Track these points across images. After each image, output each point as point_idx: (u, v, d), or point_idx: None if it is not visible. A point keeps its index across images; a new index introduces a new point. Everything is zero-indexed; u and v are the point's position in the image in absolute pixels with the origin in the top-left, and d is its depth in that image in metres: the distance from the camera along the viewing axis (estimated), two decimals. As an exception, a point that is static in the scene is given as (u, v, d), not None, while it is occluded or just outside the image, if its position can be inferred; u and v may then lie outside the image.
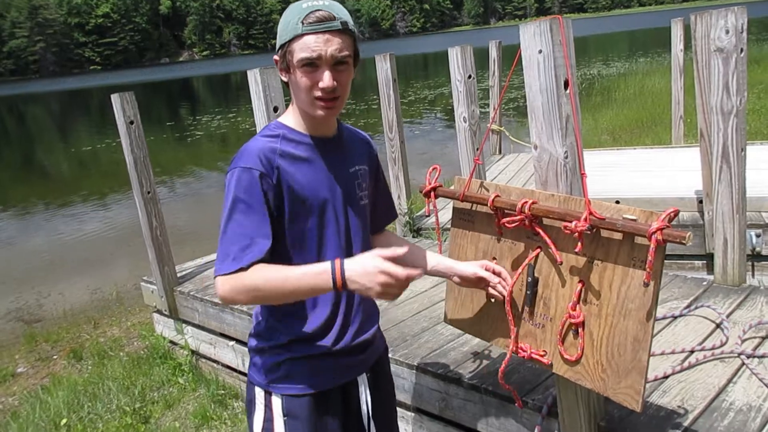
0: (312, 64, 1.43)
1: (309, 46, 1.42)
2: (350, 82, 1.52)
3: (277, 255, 1.48)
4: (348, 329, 1.60)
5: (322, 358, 1.57)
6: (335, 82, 1.45)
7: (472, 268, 1.76)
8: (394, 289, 1.35)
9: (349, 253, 1.57)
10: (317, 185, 1.52)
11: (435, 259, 1.81)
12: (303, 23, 1.41)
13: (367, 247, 1.64)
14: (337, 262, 1.38)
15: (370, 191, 1.69)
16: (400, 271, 1.34)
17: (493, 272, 1.75)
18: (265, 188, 1.44)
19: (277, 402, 1.57)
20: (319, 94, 1.45)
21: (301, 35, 1.42)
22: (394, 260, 1.37)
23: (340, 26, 1.44)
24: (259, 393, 1.60)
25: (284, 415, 1.56)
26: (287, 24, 1.45)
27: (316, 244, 1.54)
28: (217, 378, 3.80)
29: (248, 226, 1.43)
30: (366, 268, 1.35)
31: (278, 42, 1.48)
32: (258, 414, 1.60)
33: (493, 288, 1.75)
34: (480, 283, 1.77)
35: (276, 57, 1.51)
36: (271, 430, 1.58)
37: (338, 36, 1.44)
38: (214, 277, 1.47)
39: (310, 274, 1.39)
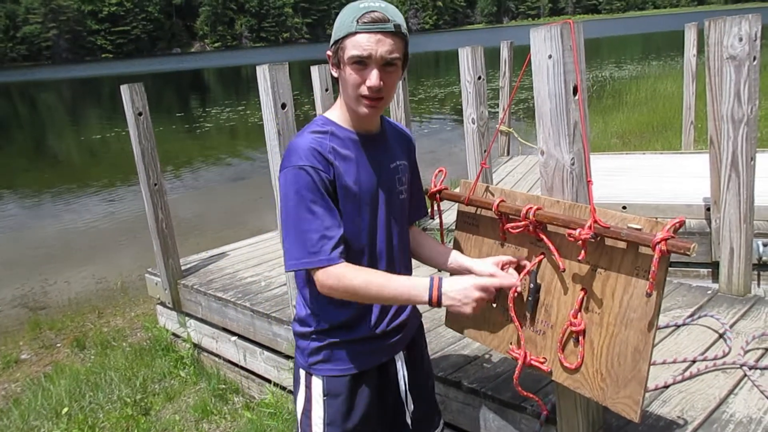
0: (361, 62, 1.47)
1: (361, 44, 1.46)
2: (397, 83, 1.57)
3: None
4: (387, 314, 1.68)
5: (362, 342, 1.65)
6: (382, 82, 1.49)
7: (488, 268, 1.71)
8: (484, 303, 1.54)
9: (390, 247, 1.66)
10: (364, 182, 1.58)
11: (452, 257, 1.82)
12: (358, 22, 1.46)
13: (405, 240, 1.75)
14: (436, 279, 1.52)
15: (408, 186, 1.75)
16: (495, 282, 1.56)
17: (512, 264, 1.72)
18: (324, 182, 1.50)
19: (317, 383, 1.66)
20: (365, 92, 1.50)
21: (354, 33, 1.46)
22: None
23: (393, 28, 1.48)
24: (303, 374, 1.69)
25: (324, 395, 1.65)
26: (343, 22, 1.49)
27: (364, 237, 1.61)
28: (219, 372, 3.82)
29: (320, 220, 1.49)
30: (464, 285, 1.53)
31: (332, 38, 1.52)
32: (300, 395, 1.71)
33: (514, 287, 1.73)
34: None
35: (329, 52, 1.55)
36: (309, 411, 1.68)
37: (390, 38, 1.48)
38: (293, 269, 1.53)
39: (408, 286, 1.53)
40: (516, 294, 1.72)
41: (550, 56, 1.58)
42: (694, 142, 6.70)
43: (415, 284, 1.53)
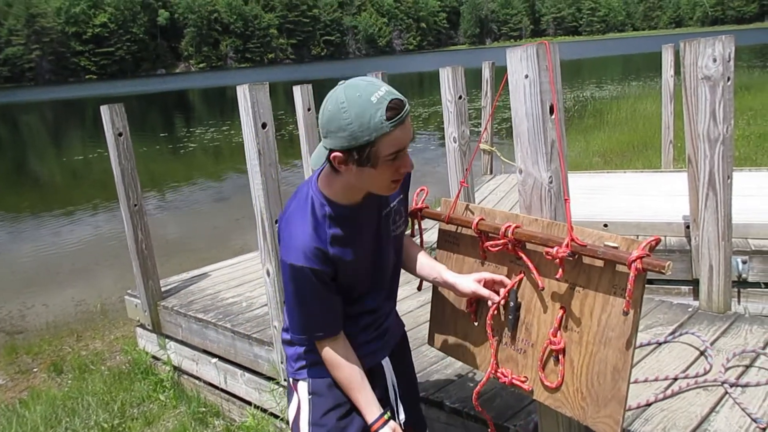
0: (397, 154, 1.45)
1: (398, 141, 1.41)
2: None
3: None
4: (370, 327, 1.75)
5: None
6: None
7: (470, 286, 1.72)
8: None
9: (387, 279, 1.74)
10: (361, 248, 1.62)
11: (437, 271, 1.82)
12: (387, 119, 1.37)
13: (398, 267, 1.82)
14: (383, 419, 1.63)
15: (403, 214, 1.77)
16: None
17: (494, 282, 1.72)
18: (322, 278, 1.55)
19: (303, 386, 1.71)
20: (397, 177, 1.50)
21: (389, 132, 1.38)
22: None
23: (409, 108, 1.44)
24: (291, 382, 1.75)
25: (309, 394, 1.70)
26: (367, 122, 1.36)
27: (364, 283, 1.69)
28: (199, 395, 3.75)
29: (313, 311, 1.60)
30: None
31: (350, 140, 1.38)
32: (293, 405, 1.74)
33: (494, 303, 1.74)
34: (480, 297, 1.77)
35: (339, 153, 1.42)
36: (298, 417, 1.71)
37: (409, 116, 1.44)
38: (307, 338, 1.67)
39: (364, 406, 1.64)
40: (495, 312, 1.71)
41: (526, 76, 1.60)
42: (673, 160, 6.79)
43: (369, 408, 1.64)
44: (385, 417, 1.64)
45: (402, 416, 1.78)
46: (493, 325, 1.75)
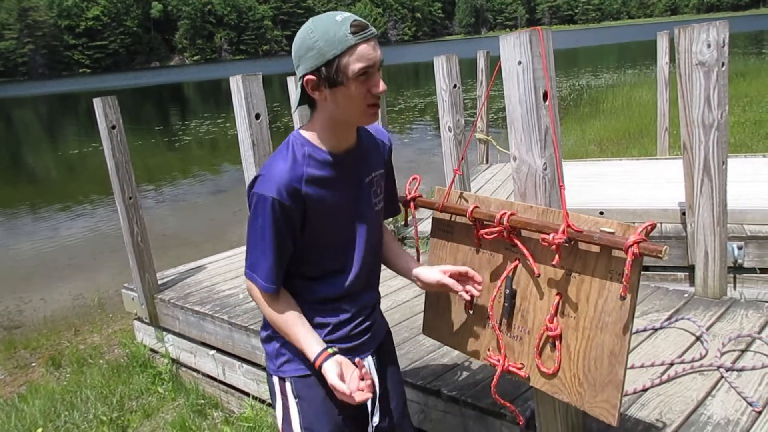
0: (366, 73, 1.45)
1: (364, 55, 1.43)
2: None
3: (306, 262, 1.60)
4: (352, 320, 1.68)
5: (327, 342, 1.62)
6: None
7: (435, 275, 1.73)
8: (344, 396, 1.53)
9: (365, 259, 1.66)
10: (339, 204, 1.58)
11: (405, 263, 1.84)
12: (352, 34, 1.41)
13: (379, 248, 1.76)
14: (323, 355, 1.55)
15: (383, 193, 1.73)
16: (346, 392, 1.50)
17: (460, 274, 1.72)
18: (288, 216, 1.51)
19: (288, 387, 1.65)
20: (372, 100, 1.49)
21: (354, 46, 1.42)
22: None
23: (376, 31, 1.48)
24: (276, 381, 1.68)
25: (295, 398, 1.65)
26: (329, 38, 1.41)
27: (340, 254, 1.64)
28: (197, 387, 3.76)
29: (268, 250, 1.53)
30: (331, 374, 1.53)
31: (318, 59, 1.42)
32: (278, 404, 1.68)
33: (460, 294, 1.73)
34: (445, 289, 1.76)
35: (311, 76, 1.45)
36: (289, 417, 1.66)
37: (376, 41, 1.48)
38: (247, 275, 1.59)
39: (304, 343, 1.57)
40: (494, 299, 1.72)
41: (519, 62, 1.59)
42: (669, 147, 6.80)
43: (309, 345, 1.57)
44: (329, 351, 1.56)
45: (376, 420, 1.69)
46: (492, 313, 1.75)
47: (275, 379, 1.68)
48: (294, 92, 4.34)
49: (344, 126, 1.55)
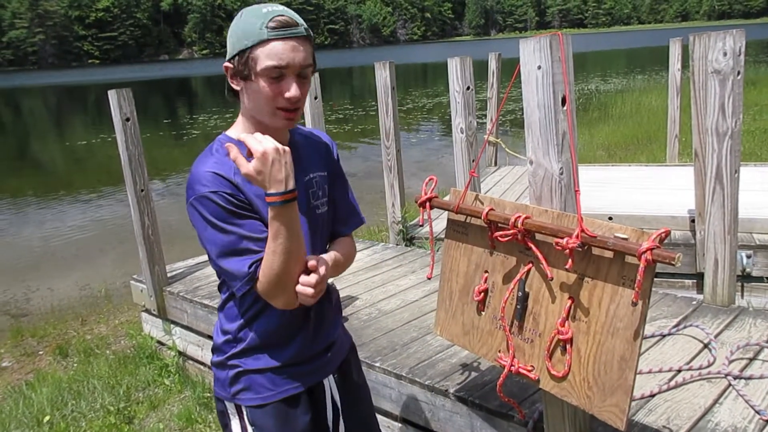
0: (279, 73, 1.37)
1: (276, 53, 1.36)
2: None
3: None
4: (309, 339, 1.57)
5: (284, 369, 1.54)
6: (300, 93, 1.41)
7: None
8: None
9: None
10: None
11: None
12: (267, 28, 1.35)
13: (321, 248, 1.60)
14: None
15: (328, 198, 1.62)
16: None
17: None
18: (233, 202, 1.39)
19: (245, 413, 1.55)
20: (283, 104, 1.40)
21: (267, 41, 1.35)
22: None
23: (305, 32, 1.40)
24: (230, 405, 1.57)
25: (251, 425, 1.55)
26: (246, 29, 1.37)
27: None
28: (204, 380, 3.78)
29: (246, 231, 1.39)
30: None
31: (234, 47, 1.40)
32: (234, 424, 1.58)
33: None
34: None
35: (228, 64, 1.43)
36: None
37: (303, 44, 1.39)
38: (245, 280, 1.40)
39: (271, 224, 1.34)
40: (506, 301, 1.73)
41: (539, 67, 1.60)
42: (678, 155, 6.79)
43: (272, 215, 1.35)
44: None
45: None
46: (504, 315, 1.77)
47: (229, 404, 1.57)
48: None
49: (264, 125, 1.45)
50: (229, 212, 1.38)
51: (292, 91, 1.39)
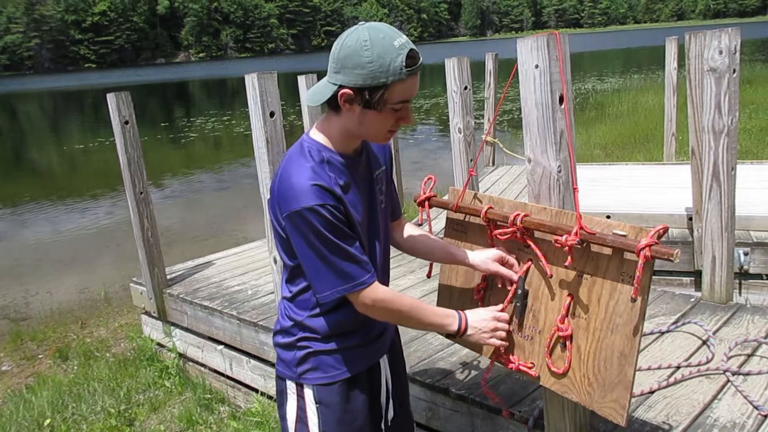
0: (403, 104, 1.46)
1: (410, 89, 1.44)
2: None
3: None
4: (371, 324, 1.67)
5: (353, 349, 1.64)
6: None
7: (491, 267, 1.76)
8: (501, 332, 1.71)
9: (383, 257, 1.69)
10: (359, 206, 1.57)
11: (448, 253, 1.85)
12: (406, 66, 1.40)
13: (388, 246, 1.76)
14: (462, 313, 1.68)
15: (386, 191, 1.73)
16: (506, 316, 1.70)
17: (508, 262, 1.76)
18: (337, 215, 1.46)
19: (309, 392, 1.63)
20: (395, 128, 1.50)
21: (406, 78, 1.41)
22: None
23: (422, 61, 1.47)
24: (291, 385, 1.66)
25: (316, 403, 1.63)
26: (386, 64, 1.38)
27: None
28: (204, 382, 3.79)
29: (346, 250, 1.48)
30: (482, 315, 1.69)
31: (365, 79, 1.39)
32: (291, 403, 1.67)
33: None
34: (497, 275, 1.79)
35: (349, 91, 1.42)
36: (305, 418, 1.65)
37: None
38: (339, 293, 1.51)
39: (441, 316, 1.66)
40: (515, 293, 1.74)
41: (536, 66, 1.62)
42: (675, 153, 6.81)
43: (447, 314, 1.66)
44: (464, 316, 1.67)
45: (391, 414, 1.76)
46: (510, 316, 1.78)
47: (290, 383, 1.66)
48: (304, 89, 4.37)
49: (358, 138, 1.56)
50: (335, 225, 1.46)
51: (409, 117, 1.50)
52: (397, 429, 1.81)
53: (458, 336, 1.68)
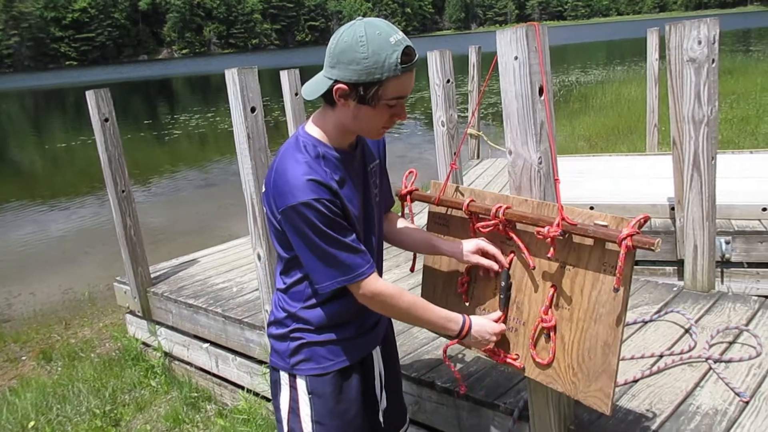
0: (398, 100, 1.47)
1: (404, 85, 1.44)
2: None
3: None
4: (365, 316, 1.68)
5: (346, 341, 1.65)
6: None
7: (473, 258, 1.76)
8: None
9: (372, 248, 1.67)
10: (354, 200, 1.57)
11: (431, 244, 1.87)
12: (401, 62, 1.40)
13: (382, 237, 1.78)
14: (467, 318, 1.68)
15: (380, 184, 1.75)
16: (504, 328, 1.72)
17: (489, 252, 1.75)
18: (334, 210, 1.47)
19: (301, 383, 1.65)
20: (389, 124, 1.52)
21: (401, 75, 1.42)
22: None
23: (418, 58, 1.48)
24: (284, 375, 1.67)
25: (309, 393, 1.64)
26: (381, 61, 1.39)
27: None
28: (190, 380, 3.76)
29: (343, 242, 1.49)
30: (486, 329, 1.69)
31: (359, 75, 1.40)
32: (284, 394, 1.68)
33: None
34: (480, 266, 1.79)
35: (344, 86, 1.43)
36: (297, 409, 1.66)
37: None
38: (338, 284, 1.52)
39: (444, 318, 1.66)
40: (493, 274, 1.77)
41: (516, 57, 1.61)
42: (658, 144, 6.86)
43: (450, 317, 1.67)
44: (469, 318, 1.68)
45: (383, 404, 1.77)
46: (488, 305, 1.78)
47: (283, 374, 1.67)
48: (286, 84, 4.34)
49: (353, 133, 1.58)
50: (331, 219, 1.46)
51: (403, 114, 1.51)
52: (390, 419, 1.82)
53: (456, 339, 1.69)
